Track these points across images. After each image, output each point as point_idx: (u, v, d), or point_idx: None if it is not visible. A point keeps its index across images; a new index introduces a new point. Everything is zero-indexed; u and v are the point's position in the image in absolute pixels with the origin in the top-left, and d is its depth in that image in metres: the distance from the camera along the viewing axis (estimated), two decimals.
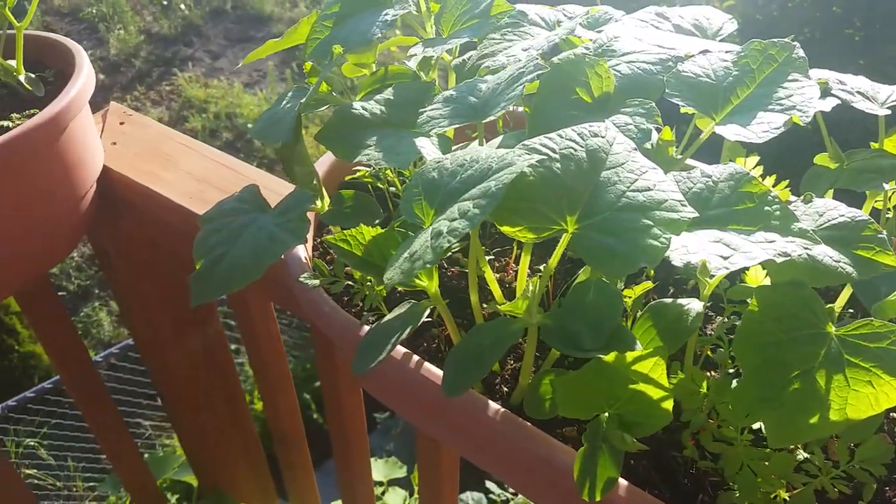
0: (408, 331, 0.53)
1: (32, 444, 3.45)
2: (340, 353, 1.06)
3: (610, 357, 0.46)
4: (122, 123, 1.10)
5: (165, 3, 5.45)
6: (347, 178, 0.81)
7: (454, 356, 0.51)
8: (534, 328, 0.52)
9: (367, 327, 0.62)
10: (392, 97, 0.63)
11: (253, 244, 0.57)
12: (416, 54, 0.67)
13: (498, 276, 0.72)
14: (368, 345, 0.54)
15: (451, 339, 0.60)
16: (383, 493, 1.62)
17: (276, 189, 1.01)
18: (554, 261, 0.50)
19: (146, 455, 1.79)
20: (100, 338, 3.94)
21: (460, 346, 0.51)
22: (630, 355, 0.47)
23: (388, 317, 0.56)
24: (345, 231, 0.53)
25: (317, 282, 0.60)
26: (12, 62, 0.96)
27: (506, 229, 0.47)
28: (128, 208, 1.05)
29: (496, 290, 0.68)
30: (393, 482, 1.66)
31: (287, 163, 0.61)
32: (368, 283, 0.62)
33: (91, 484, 3.46)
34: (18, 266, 0.95)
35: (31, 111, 0.91)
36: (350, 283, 0.63)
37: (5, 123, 0.89)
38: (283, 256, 0.67)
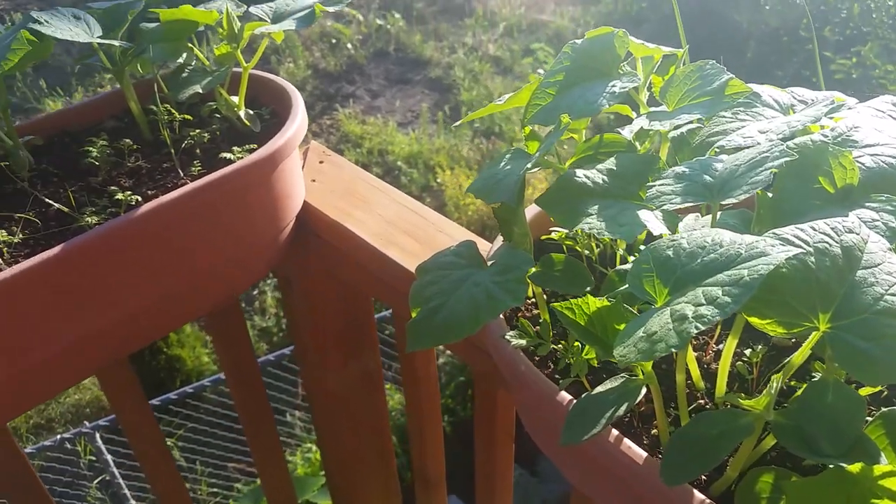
0: (624, 407, 0.52)
1: (169, 443, 3.68)
2: (504, 407, 1.06)
3: (854, 468, 0.44)
4: (321, 162, 1.18)
5: (334, 41, 5.80)
6: (543, 237, 0.83)
7: (677, 444, 0.50)
8: (761, 423, 0.50)
9: (564, 394, 0.62)
10: (614, 167, 0.63)
11: (470, 300, 0.59)
12: (639, 125, 0.67)
13: (696, 354, 0.70)
14: (580, 416, 0.54)
15: (657, 420, 0.59)
16: None
17: (454, 235, 1.04)
18: (799, 358, 0.48)
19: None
20: None
21: (683, 433, 0.50)
22: (877, 469, 0.44)
23: (599, 389, 0.56)
24: (571, 300, 0.54)
25: (523, 342, 0.61)
26: (235, 98, 1.05)
27: (754, 321, 0.46)
28: (319, 242, 1.11)
29: (695, 372, 0.66)
30: None
31: (505, 223, 0.63)
32: (573, 350, 0.62)
33: (214, 490, 3.63)
34: (220, 288, 1.03)
35: (251, 146, 0.99)
36: (553, 346, 0.64)
37: (227, 155, 0.97)
38: None
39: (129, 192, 0.91)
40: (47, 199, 0.91)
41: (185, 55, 0.99)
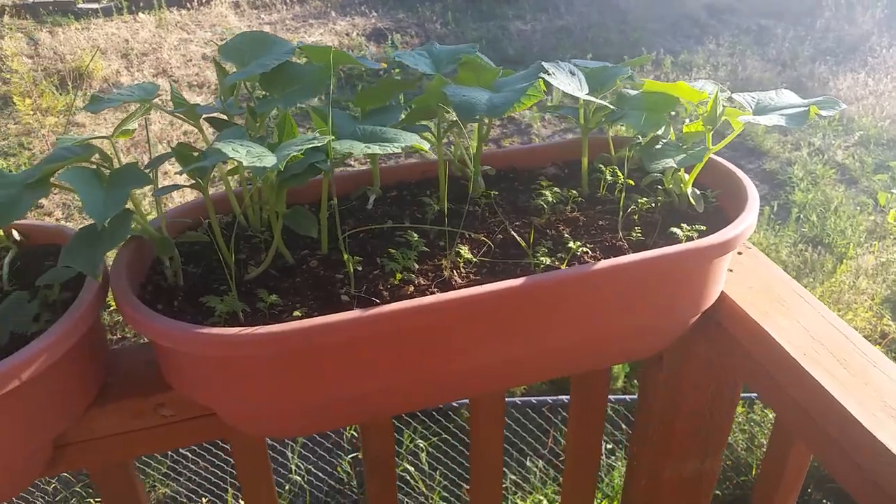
0: None
1: (421, 445, 3.87)
2: None
3: None
4: (740, 253, 1.14)
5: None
6: None
7: None
8: None
9: None
10: None
11: None
12: None
13: None
14: None
15: None
16: None
17: (891, 374, 0.93)
18: None
19: None
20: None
21: None
22: None
23: None
24: None
25: None
26: (685, 175, 1.06)
27: None
28: (719, 331, 1.07)
29: None
30: None
31: None
32: None
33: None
34: (621, 352, 1.04)
35: (699, 227, 0.99)
36: None
37: (676, 231, 0.97)
38: None
39: (578, 243, 0.95)
40: (511, 231, 0.99)
41: (662, 128, 1.02)
